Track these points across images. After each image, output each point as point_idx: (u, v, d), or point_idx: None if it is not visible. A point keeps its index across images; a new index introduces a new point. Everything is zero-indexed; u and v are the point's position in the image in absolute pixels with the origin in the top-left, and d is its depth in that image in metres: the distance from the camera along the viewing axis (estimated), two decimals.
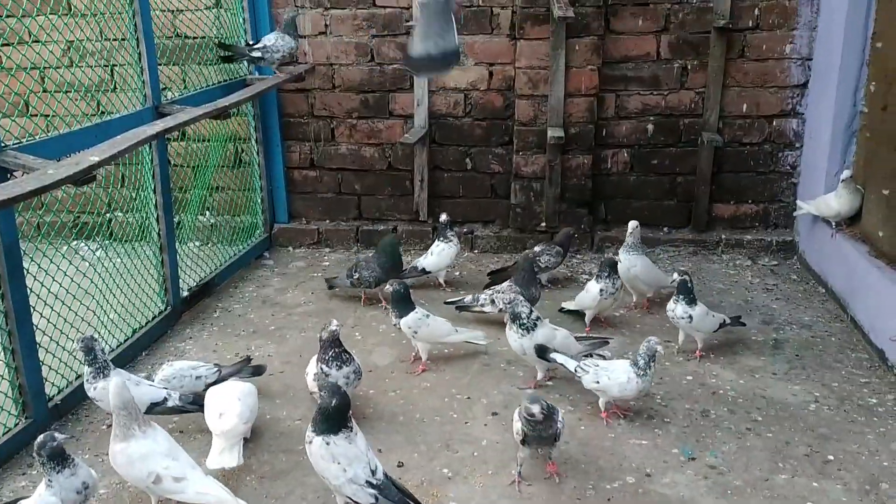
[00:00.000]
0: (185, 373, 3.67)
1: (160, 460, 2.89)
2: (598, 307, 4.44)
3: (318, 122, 5.91)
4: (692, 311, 4.06)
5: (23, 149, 3.39)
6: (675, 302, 4.12)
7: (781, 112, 5.52)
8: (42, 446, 2.67)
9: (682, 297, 4.09)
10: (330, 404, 2.87)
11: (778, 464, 3.32)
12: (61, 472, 2.67)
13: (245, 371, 3.82)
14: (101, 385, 3.35)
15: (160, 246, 4.62)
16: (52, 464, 2.67)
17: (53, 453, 2.67)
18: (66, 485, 2.67)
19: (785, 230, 5.73)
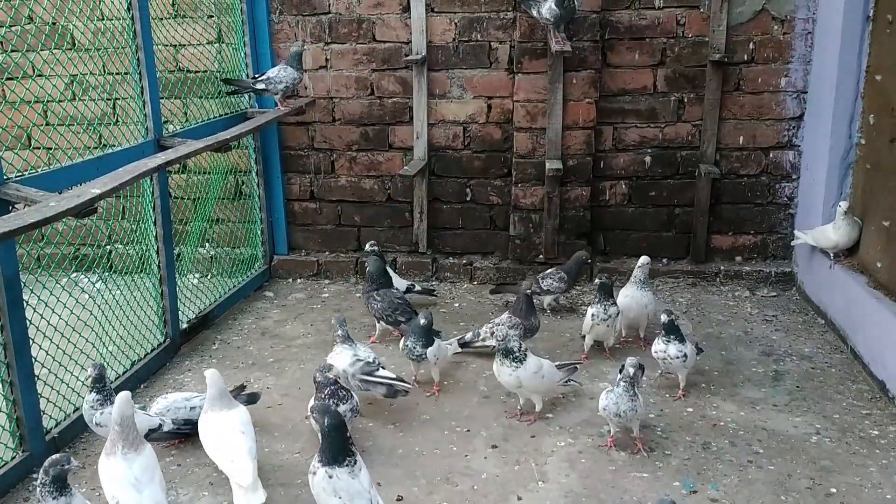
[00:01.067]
0: (180, 404, 3.66)
1: (120, 487, 2.87)
2: (592, 333, 4.45)
3: (318, 155, 5.96)
4: (686, 349, 3.99)
5: (25, 181, 3.41)
6: (665, 342, 4.00)
7: (778, 144, 5.57)
8: (53, 464, 2.65)
9: (672, 337, 3.99)
10: (323, 423, 2.87)
11: (780, 497, 3.29)
12: (58, 499, 2.65)
13: (239, 399, 3.79)
14: (108, 411, 3.36)
15: (160, 278, 4.62)
16: (53, 487, 2.64)
17: (59, 476, 2.65)
18: None
19: (783, 261, 5.74)
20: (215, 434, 3.28)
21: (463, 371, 4.47)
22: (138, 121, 4.47)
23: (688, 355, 3.98)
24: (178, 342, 4.76)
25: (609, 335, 4.50)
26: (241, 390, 3.91)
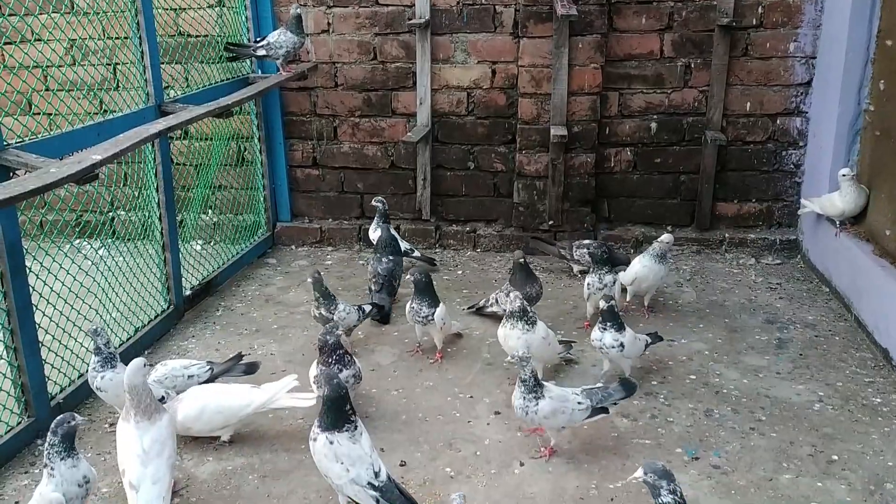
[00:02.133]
0: (178, 372, 3.65)
1: (127, 459, 2.85)
2: (591, 301, 4.46)
3: (320, 121, 5.91)
4: (622, 337, 3.75)
5: (25, 147, 3.39)
6: (601, 330, 3.77)
7: (785, 110, 5.51)
8: (60, 423, 2.67)
9: (609, 324, 3.75)
10: (325, 393, 2.87)
11: (782, 463, 3.30)
12: (65, 459, 2.67)
13: (237, 369, 3.79)
14: (109, 375, 3.37)
15: (163, 245, 4.61)
16: (62, 447, 2.66)
17: (68, 434, 2.67)
18: (68, 476, 2.66)
19: (789, 229, 5.71)
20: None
21: (466, 338, 4.47)
22: (139, 86, 4.43)
23: (625, 344, 3.73)
24: (181, 309, 4.77)
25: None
26: (238, 360, 3.87)
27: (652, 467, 2.45)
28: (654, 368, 4.09)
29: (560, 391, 3.30)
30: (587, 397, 3.29)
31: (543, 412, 3.20)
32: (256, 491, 3.17)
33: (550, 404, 3.21)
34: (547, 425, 3.30)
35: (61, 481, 2.65)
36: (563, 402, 3.24)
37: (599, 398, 3.32)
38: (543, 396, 3.22)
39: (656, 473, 2.43)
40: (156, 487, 2.80)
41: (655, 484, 2.43)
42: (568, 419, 3.26)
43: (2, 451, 3.34)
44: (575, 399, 3.27)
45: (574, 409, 3.25)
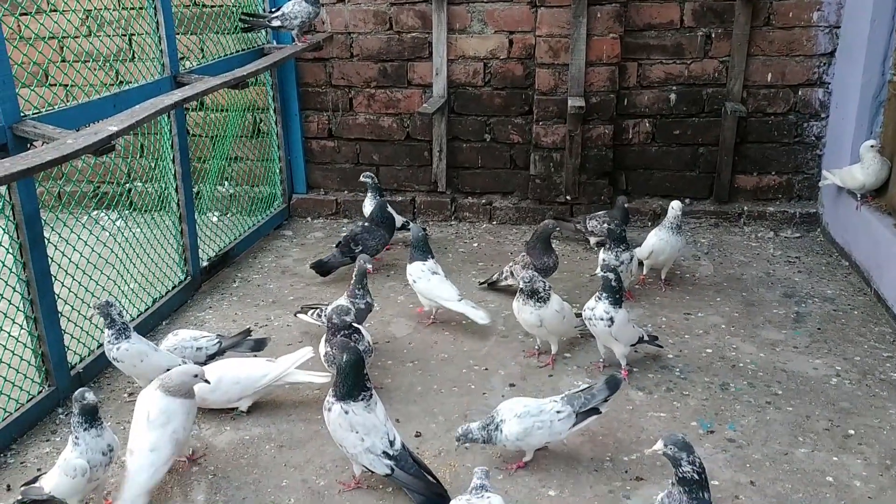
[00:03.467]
0: (187, 343, 3.69)
1: (133, 423, 2.92)
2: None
3: (336, 92, 5.88)
4: (614, 312, 3.56)
5: (42, 118, 3.39)
6: (596, 300, 3.62)
7: (807, 81, 5.41)
8: (76, 399, 2.72)
9: (605, 296, 3.58)
10: (343, 359, 2.88)
11: (797, 437, 3.29)
12: (89, 430, 2.72)
13: (245, 344, 3.79)
14: (124, 346, 3.41)
15: (179, 216, 4.63)
16: (82, 419, 2.71)
17: (83, 409, 2.71)
18: (93, 445, 2.72)
19: (809, 202, 5.65)
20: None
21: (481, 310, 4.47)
22: (154, 57, 4.42)
23: (615, 320, 3.54)
24: (198, 280, 4.80)
25: (625, 278, 4.37)
26: (247, 335, 3.87)
27: (672, 439, 2.46)
28: (670, 342, 4.07)
29: (536, 403, 3.04)
30: (567, 403, 3.05)
31: (513, 435, 2.96)
32: (273, 460, 3.21)
33: (518, 424, 2.95)
34: (524, 447, 3.05)
35: (86, 449, 2.71)
36: (536, 416, 2.98)
37: (583, 401, 3.07)
38: (506, 419, 2.96)
39: (676, 445, 2.44)
40: (151, 455, 2.82)
41: (676, 456, 2.44)
42: (548, 434, 3.00)
43: (24, 419, 3.39)
44: (552, 409, 3.02)
45: (552, 420, 2.99)
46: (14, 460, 3.22)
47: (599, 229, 5.13)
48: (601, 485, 3.03)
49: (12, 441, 3.31)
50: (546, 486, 3.02)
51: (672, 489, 2.49)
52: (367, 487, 3.03)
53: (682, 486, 2.45)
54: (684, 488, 2.45)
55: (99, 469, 2.74)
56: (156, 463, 2.83)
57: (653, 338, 3.84)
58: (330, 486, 3.05)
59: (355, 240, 4.84)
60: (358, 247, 4.81)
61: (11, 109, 3.22)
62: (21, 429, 3.37)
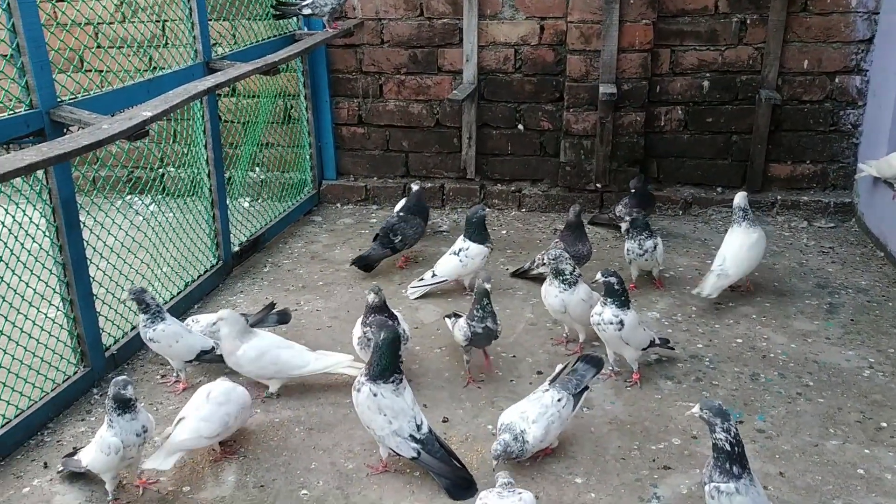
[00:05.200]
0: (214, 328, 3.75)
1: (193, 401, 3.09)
2: (634, 266, 4.42)
3: (366, 78, 5.89)
4: (624, 315, 3.44)
5: (78, 104, 3.44)
6: (602, 305, 3.50)
7: (844, 68, 5.31)
8: (112, 385, 2.78)
9: (610, 300, 3.47)
10: (381, 337, 2.91)
11: (828, 429, 3.26)
12: (123, 415, 2.78)
13: (270, 319, 3.86)
14: (161, 328, 3.51)
15: (211, 201, 4.68)
16: (115, 405, 2.77)
17: (116, 397, 2.77)
18: (127, 427, 2.79)
19: (844, 192, 5.55)
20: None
21: (510, 298, 4.47)
22: (187, 43, 4.46)
23: (625, 323, 3.43)
24: (230, 264, 4.86)
25: (652, 266, 4.43)
26: (270, 309, 3.98)
27: (708, 405, 2.51)
28: (699, 331, 4.04)
29: (536, 404, 3.04)
30: (563, 389, 3.09)
31: (537, 439, 2.96)
32: (303, 443, 3.25)
33: (538, 427, 2.96)
34: (548, 444, 3.06)
35: (119, 431, 2.77)
36: (545, 413, 2.99)
37: (574, 383, 3.13)
38: (526, 429, 2.94)
39: (711, 411, 2.49)
40: (200, 423, 2.98)
41: (711, 421, 2.47)
42: (561, 424, 3.04)
43: (59, 399, 3.46)
44: (553, 399, 3.04)
45: (559, 410, 3.02)
46: (50, 438, 3.30)
47: (626, 213, 5.11)
48: (628, 473, 3.02)
49: (48, 420, 3.39)
50: (573, 474, 3.03)
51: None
52: (394, 471, 3.06)
53: (714, 452, 2.49)
54: (715, 455, 2.48)
55: (132, 449, 2.81)
56: (201, 430, 2.97)
57: (664, 340, 3.71)
58: (358, 469, 3.08)
59: (393, 230, 4.82)
60: (397, 237, 4.81)
61: (48, 95, 3.27)
62: (57, 408, 3.44)
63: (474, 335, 3.52)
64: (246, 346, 3.44)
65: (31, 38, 3.16)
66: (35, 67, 3.19)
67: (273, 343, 3.53)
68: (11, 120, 3.13)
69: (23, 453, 3.19)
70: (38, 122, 3.23)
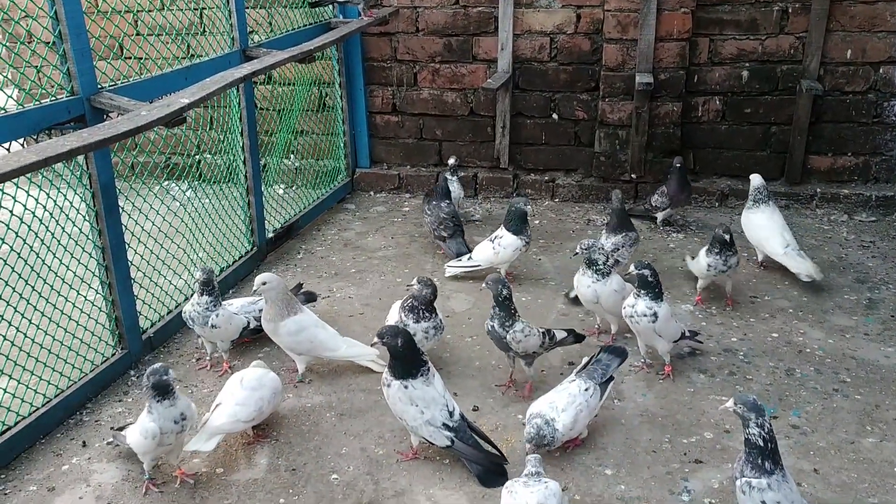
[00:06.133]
0: (248, 308, 3.86)
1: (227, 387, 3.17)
2: (706, 280, 4.16)
3: (400, 67, 5.89)
4: (657, 307, 3.43)
5: (118, 91, 3.49)
6: (635, 297, 3.48)
7: (889, 58, 5.18)
8: (152, 373, 2.81)
9: (644, 293, 3.45)
10: (394, 345, 2.92)
11: (865, 427, 3.20)
12: (161, 402, 2.82)
13: (299, 297, 3.90)
14: (221, 312, 3.60)
15: (247, 188, 4.73)
16: (154, 391, 2.81)
17: (157, 384, 2.80)
18: (165, 414, 2.82)
19: (886, 185, 5.43)
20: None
21: (542, 288, 4.46)
22: (224, 31, 4.49)
23: (658, 316, 3.41)
24: (264, 250, 4.91)
25: (727, 281, 4.17)
26: (299, 289, 4.08)
27: (742, 399, 2.48)
28: (734, 325, 4.00)
29: (563, 393, 3.05)
30: (589, 379, 3.11)
31: (566, 427, 2.96)
32: (334, 428, 3.28)
33: (567, 416, 2.97)
34: (577, 433, 3.06)
35: (158, 417, 2.81)
36: (573, 402, 3.01)
37: (600, 373, 3.15)
38: (556, 417, 2.95)
39: (746, 405, 2.46)
40: (236, 407, 3.06)
41: (745, 415, 2.45)
42: (589, 413, 3.05)
43: (98, 380, 3.53)
44: (580, 388, 3.06)
45: (587, 399, 3.04)
46: (89, 418, 3.37)
47: (662, 202, 5.05)
48: (659, 466, 3.00)
49: (87, 400, 3.46)
50: (603, 465, 3.01)
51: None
52: (423, 458, 3.07)
53: (746, 447, 2.46)
54: (747, 450, 2.45)
55: (170, 435, 2.84)
56: (238, 414, 3.05)
57: (693, 333, 3.68)
58: (388, 456, 3.10)
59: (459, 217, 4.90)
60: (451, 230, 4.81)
61: (89, 81, 3.33)
62: (95, 389, 3.51)
63: (488, 332, 3.46)
64: (290, 319, 3.51)
65: (73, 26, 3.21)
66: (76, 55, 3.24)
67: (313, 322, 3.60)
68: (53, 106, 3.19)
69: (62, 432, 3.27)
70: (79, 108, 3.29)
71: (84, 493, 2.93)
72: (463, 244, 4.76)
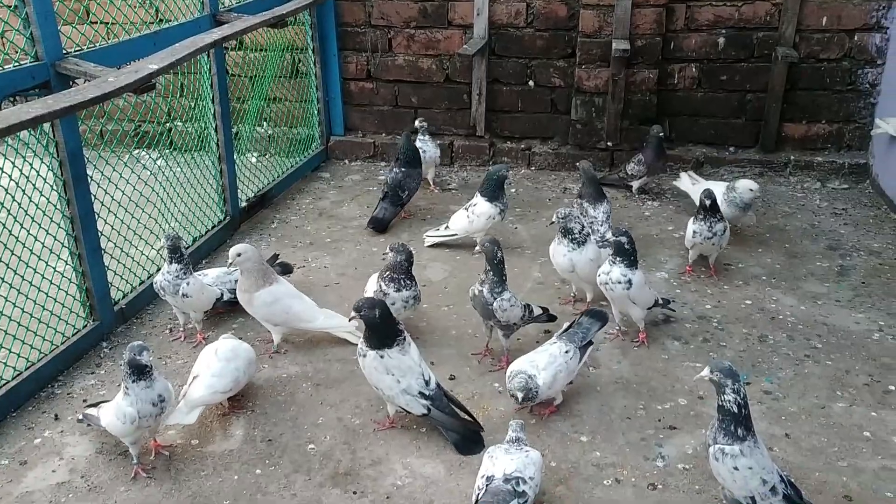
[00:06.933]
0: (224, 278, 3.83)
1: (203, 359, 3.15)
2: (695, 249, 4.13)
3: (375, 32, 5.80)
4: (632, 275, 3.43)
5: (84, 56, 3.40)
6: (610, 264, 3.49)
7: (864, 26, 5.19)
8: (128, 351, 2.74)
9: (619, 259, 3.45)
10: (370, 317, 2.90)
11: (835, 392, 3.26)
12: (137, 382, 2.75)
13: (275, 269, 3.86)
14: (192, 281, 3.55)
15: (219, 156, 4.66)
16: (130, 370, 2.74)
17: (131, 363, 2.73)
18: (143, 396, 2.75)
19: (859, 152, 5.47)
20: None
21: (518, 257, 4.46)
22: None
23: (633, 282, 3.42)
24: (237, 220, 4.85)
25: (714, 251, 4.13)
26: (274, 260, 4.05)
27: (718, 365, 2.48)
28: (708, 292, 4.03)
29: (544, 354, 3.07)
30: (569, 342, 3.13)
31: (545, 384, 2.98)
32: (310, 398, 3.27)
33: (547, 374, 3.00)
34: (555, 392, 3.09)
35: (135, 400, 2.74)
36: (553, 363, 3.03)
37: (581, 336, 3.18)
38: (536, 374, 2.97)
39: (722, 372, 2.46)
40: (212, 378, 3.03)
41: (721, 382, 2.45)
42: (567, 374, 3.08)
43: (69, 352, 3.48)
44: (560, 350, 3.09)
45: (566, 361, 3.06)
46: (61, 391, 3.33)
47: (639, 170, 5.05)
48: (633, 432, 3.04)
49: (59, 373, 3.42)
50: (578, 432, 3.04)
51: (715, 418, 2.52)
52: (400, 427, 3.08)
53: (720, 413, 2.47)
54: (720, 416, 2.47)
55: (149, 419, 2.78)
56: (215, 386, 3.02)
57: (666, 301, 3.70)
58: (365, 425, 3.10)
59: (401, 186, 4.81)
60: (405, 192, 4.79)
61: (54, 46, 3.23)
62: (67, 361, 3.47)
63: (473, 298, 3.45)
64: (265, 289, 3.47)
65: None
66: (40, 18, 3.14)
67: (288, 292, 3.56)
68: (16, 72, 3.10)
69: (34, 405, 3.23)
70: (43, 74, 3.20)
71: (57, 466, 2.90)
72: (384, 209, 4.80)
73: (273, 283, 3.51)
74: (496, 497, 2.43)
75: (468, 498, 2.69)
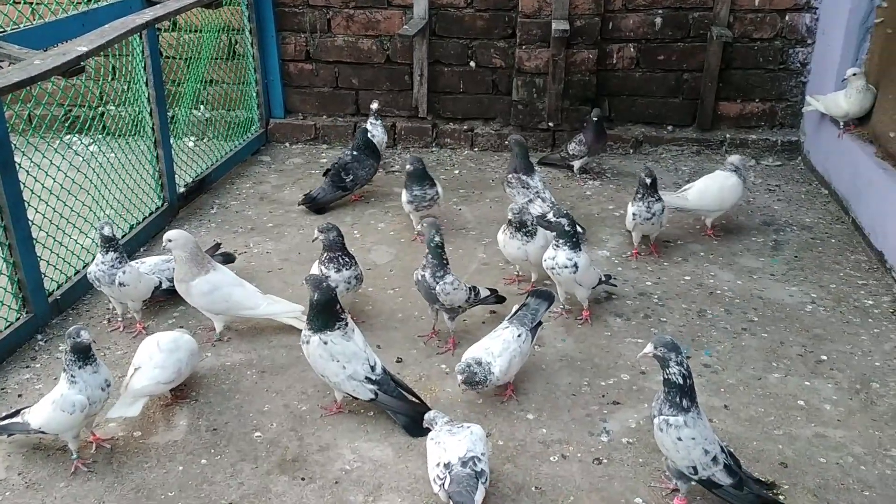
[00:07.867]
0: (162, 266, 3.73)
1: (144, 349, 3.07)
2: (637, 231, 4.18)
3: (313, 12, 5.70)
4: (577, 258, 3.47)
5: (7, 37, 3.26)
6: (554, 248, 3.52)
7: (795, 6, 5.32)
8: (68, 336, 2.68)
9: (562, 242, 3.49)
10: (315, 297, 2.89)
11: (771, 363, 3.36)
12: (84, 367, 2.69)
13: (216, 259, 3.80)
14: (128, 269, 3.46)
15: (154, 141, 4.54)
16: (75, 357, 2.68)
17: (75, 347, 2.67)
18: (91, 381, 2.70)
19: (791, 130, 5.63)
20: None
21: (463, 238, 4.47)
22: None
23: (579, 266, 3.46)
24: (175, 206, 4.74)
25: (655, 231, 4.19)
26: (216, 249, 3.99)
27: (661, 341, 2.51)
28: (648, 269, 4.11)
29: (498, 340, 3.08)
30: (520, 325, 3.14)
31: (502, 371, 2.99)
32: (255, 386, 3.23)
33: (503, 360, 3.00)
34: (510, 377, 3.10)
35: (84, 386, 2.68)
36: (507, 348, 3.04)
37: (530, 318, 3.19)
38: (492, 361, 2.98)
39: (666, 346, 2.49)
40: (155, 370, 2.96)
41: (665, 356, 2.48)
42: (522, 358, 3.10)
43: (3, 345, 3.37)
44: (513, 335, 3.09)
45: (520, 345, 3.08)
46: None
47: (580, 150, 5.09)
48: (579, 409, 3.09)
49: None
50: (524, 410, 3.08)
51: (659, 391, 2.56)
52: (348, 412, 3.07)
53: (665, 386, 2.51)
54: (666, 389, 2.51)
55: (97, 405, 2.74)
56: (158, 377, 2.95)
57: (608, 277, 3.77)
58: (312, 411, 3.08)
59: (346, 169, 4.76)
60: (349, 176, 4.75)
61: None
62: (0, 356, 3.35)
63: (417, 283, 3.45)
64: (201, 278, 3.40)
65: None
66: None
67: (228, 280, 3.49)
68: None
69: None
70: None
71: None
72: (322, 188, 4.80)
73: (210, 272, 3.43)
74: (461, 486, 2.44)
75: (417, 480, 2.71)
